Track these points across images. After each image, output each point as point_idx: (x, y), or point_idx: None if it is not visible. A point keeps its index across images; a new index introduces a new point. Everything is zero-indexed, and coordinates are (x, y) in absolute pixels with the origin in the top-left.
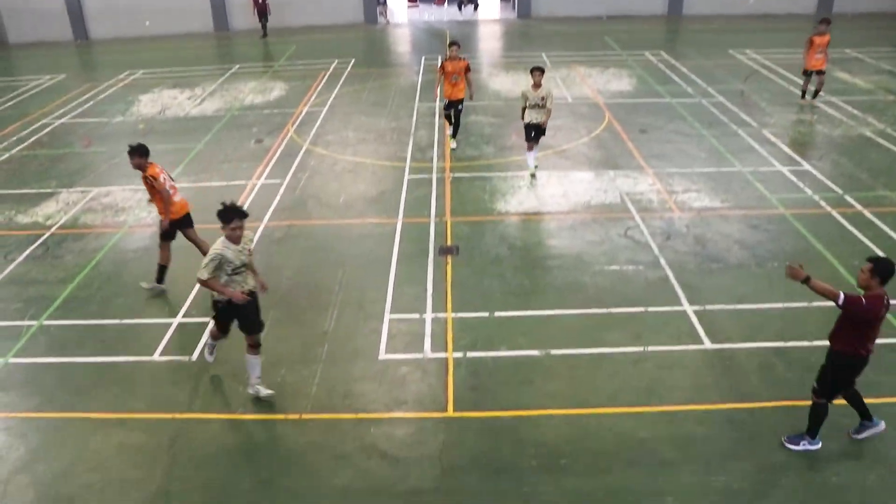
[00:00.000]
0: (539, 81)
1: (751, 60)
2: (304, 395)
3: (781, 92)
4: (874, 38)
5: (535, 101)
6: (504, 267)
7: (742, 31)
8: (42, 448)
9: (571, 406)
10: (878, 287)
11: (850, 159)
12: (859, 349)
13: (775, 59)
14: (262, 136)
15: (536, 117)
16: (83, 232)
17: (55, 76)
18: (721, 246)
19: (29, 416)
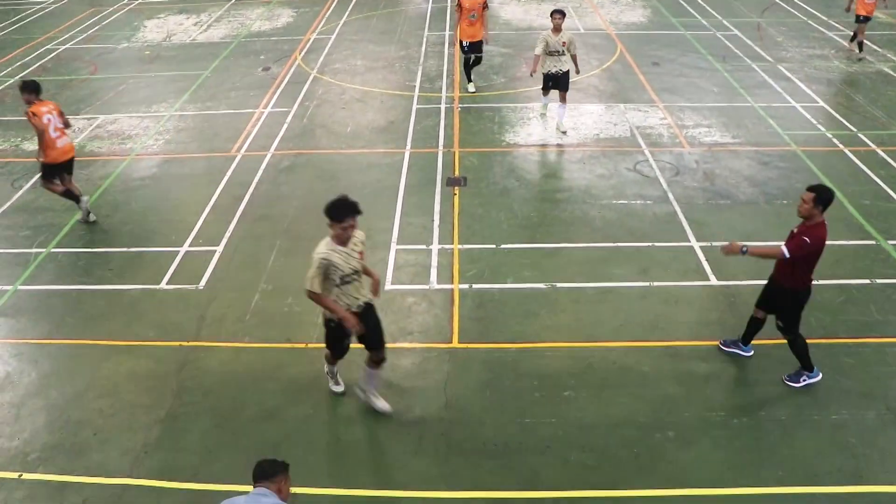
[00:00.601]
0: (559, 25)
1: None
2: (310, 325)
3: (799, 26)
4: None
5: (555, 48)
6: (512, 199)
7: None
8: (53, 374)
9: (576, 339)
10: (819, 216)
11: (865, 96)
12: (807, 283)
13: None
14: (270, 64)
15: (556, 65)
16: (90, 159)
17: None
18: (730, 182)
19: (40, 343)
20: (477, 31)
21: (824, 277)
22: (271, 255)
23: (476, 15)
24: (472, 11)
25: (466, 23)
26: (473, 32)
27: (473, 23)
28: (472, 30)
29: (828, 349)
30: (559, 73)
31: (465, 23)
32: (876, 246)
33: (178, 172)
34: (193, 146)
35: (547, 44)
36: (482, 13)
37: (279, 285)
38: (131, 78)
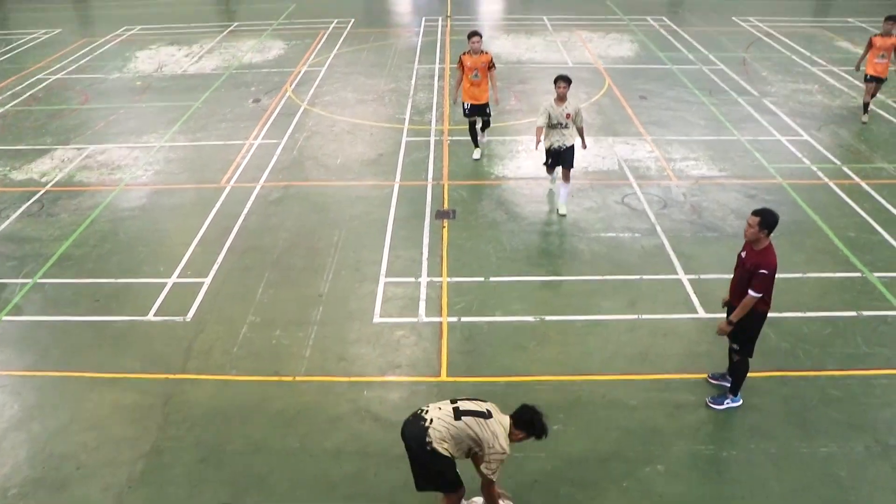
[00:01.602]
0: (564, 94)
1: (753, 28)
2: (298, 357)
3: (783, 61)
4: (877, 7)
5: (558, 120)
6: (500, 232)
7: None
8: (37, 406)
9: (564, 373)
10: (766, 239)
11: (848, 130)
12: (767, 306)
13: (778, 27)
14: (261, 96)
15: (559, 140)
16: (78, 189)
17: (51, 30)
18: (717, 215)
19: (24, 375)
20: (481, 93)
21: (811, 309)
22: (259, 287)
23: (479, 75)
24: (475, 71)
25: (469, 83)
26: (477, 94)
27: (477, 83)
28: (476, 91)
29: (815, 381)
30: (562, 148)
31: (468, 83)
32: (862, 278)
33: (168, 203)
34: (183, 177)
35: (549, 115)
36: (488, 72)
37: (267, 317)
38: (122, 108)
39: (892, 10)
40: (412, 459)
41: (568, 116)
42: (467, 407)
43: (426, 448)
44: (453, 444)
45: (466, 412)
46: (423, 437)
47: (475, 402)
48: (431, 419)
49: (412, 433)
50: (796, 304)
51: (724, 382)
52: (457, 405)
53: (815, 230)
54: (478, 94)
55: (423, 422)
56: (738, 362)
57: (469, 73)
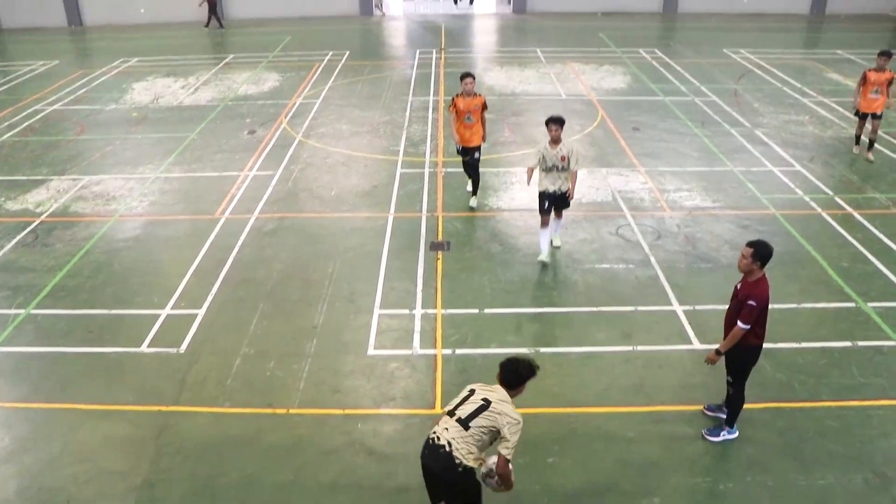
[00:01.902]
0: (558, 136)
1: (745, 60)
2: (292, 390)
3: (775, 92)
4: (866, 39)
5: (553, 163)
6: (495, 263)
7: (737, 30)
8: (28, 439)
9: (560, 405)
10: (759, 271)
11: (840, 161)
12: (759, 339)
13: (769, 58)
14: (256, 127)
15: (554, 184)
16: (74, 220)
17: (49, 62)
18: (711, 246)
19: (15, 406)
20: (473, 135)
21: (806, 340)
22: (254, 318)
23: (472, 118)
24: (468, 114)
25: (461, 125)
26: (469, 136)
27: (470, 126)
28: (468, 133)
29: (811, 412)
30: (558, 193)
31: (460, 125)
32: (856, 308)
33: (162, 234)
34: (178, 208)
35: (543, 158)
36: (480, 115)
37: (261, 349)
38: (118, 139)
39: (879, 43)
40: (445, 487)
41: (563, 159)
42: (467, 411)
43: (458, 470)
44: (478, 448)
45: (470, 416)
46: (452, 461)
47: (467, 401)
48: (448, 442)
49: (440, 464)
50: (791, 335)
51: (720, 414)
52: (456, 416)
53: (808, 260)
54: (469, 136)
55: (442, 449)
56: (733, 394)
57: (462, 115)
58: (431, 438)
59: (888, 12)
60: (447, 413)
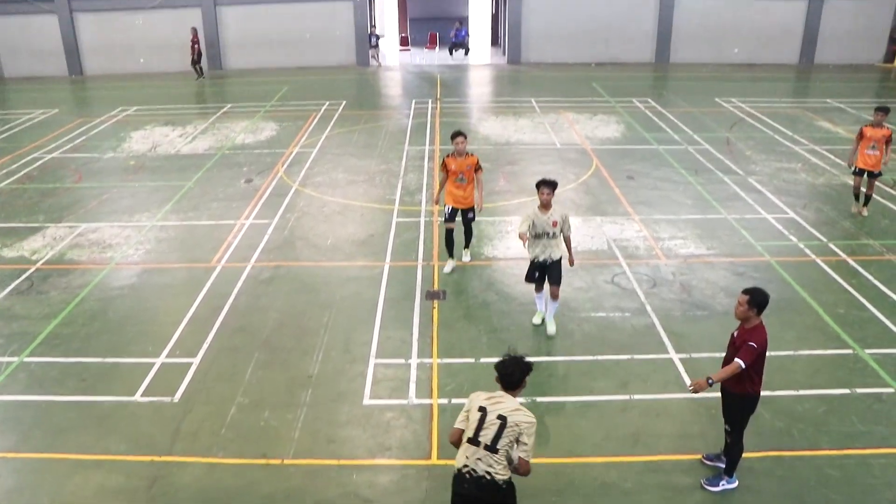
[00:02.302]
0: (548, 200)
1: (736, 108)
2: (286, 440)
3: (766, 140)
4: (854, 89)
5: (543, 229)
6: (491, 312)
7: (728, 79)
8: (16, 490)
9: (557, 455)
10: (756, 318)
11: (833, 207)
12: (756, 388)
13: (760, 107)
14: (252, 176)
15: (545, 251)
16: (69, 268)
17: (48, 111)
18: (707, 293)
19: (4, 457)
20: (466, 196)
21: (804, 387)
22: (249, 367)
23: (465, 178)
24: (460, 174)
25: (454, 185)
26: (461, 197)
27: (462, 186)
28: (460, 194)
29: (811, 461)
30: (548, 261)
31: (452, 185)
32: (853, 355)
33: (158, 282)
34: (174, 256)
35: (533, 224)
36: (474, 175)
37: (256, 398)
38: (115, 187)
39: (866, 92)
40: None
41: (554, 224)
42: (490, 435)
43: (504, 487)
44: (508, 460)
45: (495, 440)
46: (496, 486)
47: (485, 424)
48: (486, 472)
49: (487, 494)
50: (789, 382)
51: (718, 463)
52: (482, 444)
53: (804, 307)
54: (462, 197)
55: (483, 480)
56: (731, 443)
57: (454, 176)
58: (468, 472)
59: (874, 63)
60: (470, 441)
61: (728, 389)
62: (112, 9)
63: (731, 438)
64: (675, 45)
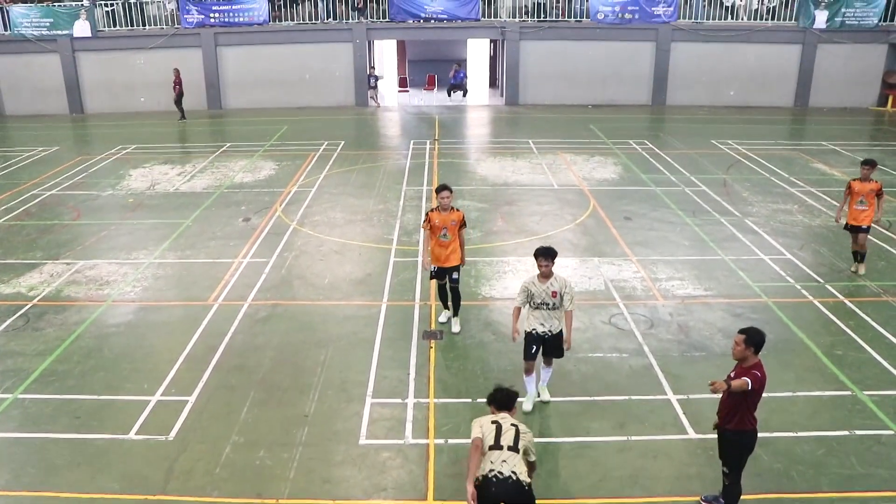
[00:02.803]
0: (548, 270)
1: (732, 150)
2: (282, 479)
3: (762, 182)
4: (849, 132)
5: (542, 299)
6: (488, 352)
7: (724, 121)
8: None
9: (554, 496)
10: (753, 357)
11: (830, 249)
12: (753, 423)
13: (756, 149)
14: (250, 215)
15: (544, 324)
16: (66, 304)
17: (49, 148)
18: (704, 334)
19: None
20: (450, 254)
21: (802, 429)
22: (244, 406)
23: (448, 235)
24: (444, 230)
25: (437, 243)
26: (445, 255)
27: (446, 244)
28: (444, 252)
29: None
30: (548, 335)
31: (435, 243)
32: (852, 396)
33: (154, 320)
34: (171, 294)
35: (530, 294)
36: (458, 232)
37: (251, 438)
38: (113, 224)
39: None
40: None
41: (555, 295)
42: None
43: (527, 488)
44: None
45: (515, 442)
46: (521, 486)
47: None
48: (511, 472)
49: (512, 492)
50: (787, 424)
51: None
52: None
53: (802, 348)
54: (446, 255)
55: (509, 480)
56: (729, 485)
57: (437, 232)
58: (494, 475)
59: (867, 106)
60: (492, 448)
61: (725, 428)
62: (114, 48)
63: (730, 480)
64: (672, 87)
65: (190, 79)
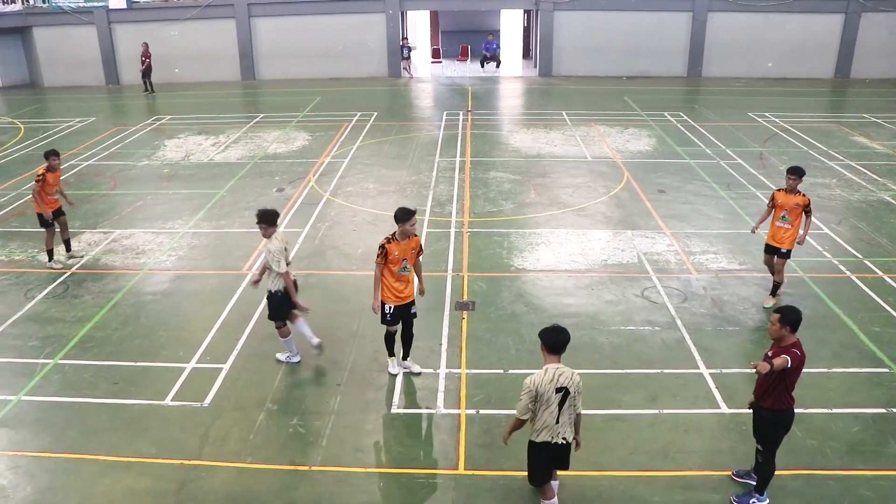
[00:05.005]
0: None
1: (770, 123)
2: (315, 446)
3: (800, 155)
4: (893, 104)
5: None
6: (520, 324)
7: (761, 93)
8: (49, 489)
9: (584, 468)
10: (790, 336)
11: (869, 224)
12: (789, 402)
13: (794, 122)
14: (284, 185)
15: (559, 432)
16: (103, 272)
17: (86, 119)
18: (738, 308)
19: (38, 456)
20: (408, 287)
21: (837, 406)
22: (278, 374)
23: (409, 266)
24: (404, 261)
25: (394, 279)
26: (403, 290)
27: (405, 278)
28: (402, 287)
29: (846, 481)
30: (563, 443)
31: (392, 278)
32: (889, 374)
33: (190, 289)
34: (205, 263)
35: (537, 395)
36: (416, 260)
37: (285, 405)
38: (149, 194)
39: None
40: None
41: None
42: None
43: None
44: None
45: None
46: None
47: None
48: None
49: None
50: (822, 401)
51: (749, 480)
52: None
53: (839, 325)
54: (404, 290)
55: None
56: (763, 462)
57: (396, 265)
58: (557, 441)
59: None
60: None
61: (761, 406)
62: (148, 20)
63: (763, 458)
64: (708, 59)
65: (223, 49)
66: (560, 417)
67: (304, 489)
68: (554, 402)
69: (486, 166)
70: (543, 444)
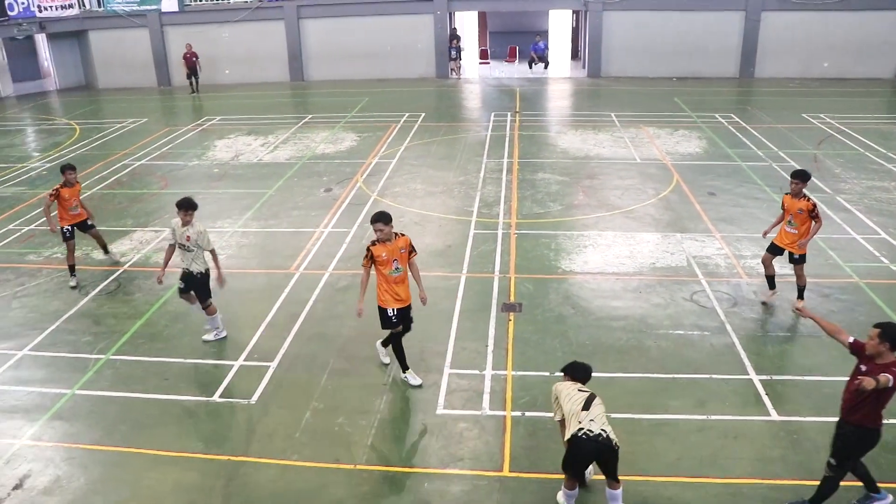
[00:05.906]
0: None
1: (825, 125)
2: (360, 446)
3: (857, 158)
4: None
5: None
6: (567, 326)
7: (816, 94)
8: (100, 481)
9: (630, 473)
10: (889, 353)
11: None
12: (877, 422)
13: (851, 123)
14: (332, 185)
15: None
16: (154, 270)
17: (138, 120)
18: (790, 314)
19: (90, 448)
20: (406, 289)
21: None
22: (324, 373)
23: (402, 266)
24: (394, 262)
25: (389, 281)
26: (401, 292)
27: (399, 279)
28: (400, 288)
29: None
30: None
31: (387, 282)
32: None
33: (238, 287)
34: (254, 262)
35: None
36: (409, 260)
37: (330, 404)
38: (199, 194)
39: None
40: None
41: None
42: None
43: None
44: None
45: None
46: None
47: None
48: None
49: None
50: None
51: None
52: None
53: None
54: (402, 292)
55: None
56: (829, 477)
57: (386, 267)
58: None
59: None
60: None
61: (848, 420)
62: (199, 22)
63: (833, 472)
64: (761, 59)
65: (273, 51)
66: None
67: (349, 488)
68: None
69: (534, 167)
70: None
